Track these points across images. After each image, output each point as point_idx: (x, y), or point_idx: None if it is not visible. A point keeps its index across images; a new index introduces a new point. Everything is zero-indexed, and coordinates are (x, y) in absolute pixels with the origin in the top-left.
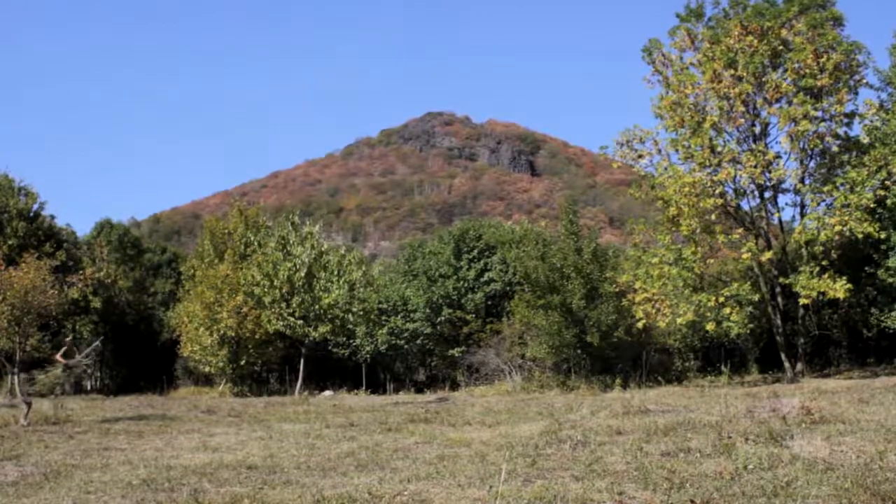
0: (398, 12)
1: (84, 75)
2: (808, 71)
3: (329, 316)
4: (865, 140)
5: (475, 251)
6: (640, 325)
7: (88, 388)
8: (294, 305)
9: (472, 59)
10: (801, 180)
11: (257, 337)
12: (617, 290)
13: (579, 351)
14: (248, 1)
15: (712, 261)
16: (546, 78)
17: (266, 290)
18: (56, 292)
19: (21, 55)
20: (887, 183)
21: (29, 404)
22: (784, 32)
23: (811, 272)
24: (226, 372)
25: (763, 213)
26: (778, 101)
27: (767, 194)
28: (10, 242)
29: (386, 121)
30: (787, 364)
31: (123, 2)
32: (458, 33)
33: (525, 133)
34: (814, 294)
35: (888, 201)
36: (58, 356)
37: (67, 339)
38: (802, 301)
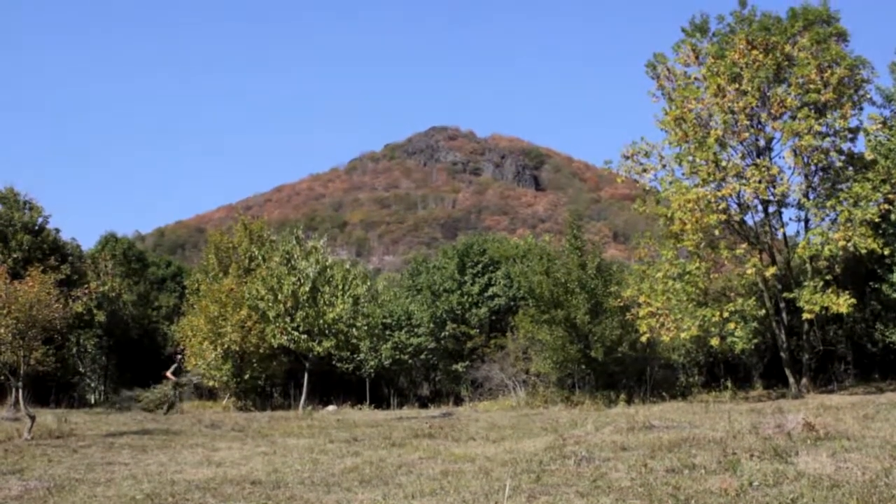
0: (402, 27)
1: (87, 89)
2: (811, 86)
3: (333, 330)
4: (870, 156)
5: (479, 266)
6: (644, 339)
7: (92, 401)
8: (298, 320)
9: (476, 74)
10: (805, 195)
11: (261, 351)
12: (621, 304)
13: (583, 366)
14: (252, 14)
15: (716, 276)
16: (550, 93)
17: (270, 304)
18: (61, 306)
19: (25, 67)
20: (891, 197)
21: (33, 418)
22: (788, 48)
23: (815, 287)
24: (229, 386)
25: (767, 228)
26: (782, 115)
27: (771, 209)
28: (14, 256)
29: (390, 135)
30: (791, 379)
31: (124, 14)
32: (461, 48)
33: (529, 147)
34: (818, 309)
35: (892, 216)
36: (168, 373)
37: (178, 355)
38: (806, 316)
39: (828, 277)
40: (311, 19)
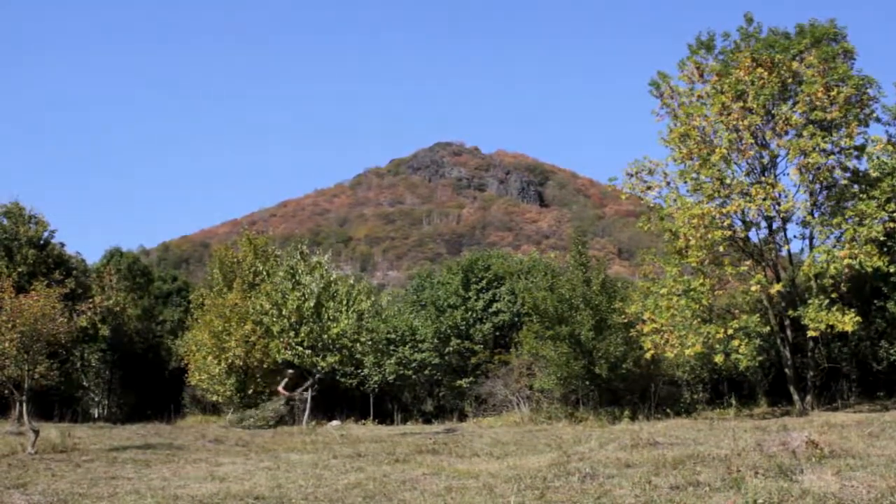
0: (407, 43)
1: (93, 103)
2: (818, 104)
3: (337, 346)
4: (874, 174)
5: (483, 282)
6: (648, 356)
7: (96, 416)
8: (302, 335)
9: (481, 89)
10: (810, 213)
11: (265, 366)
12: (625, 321)
13: (588, 382)
14: (255, 30)
15: (721, 293)
16: (555, 109)
17: (274, 319)
18: (65, 320)
19: (27, 83)
20: None
21: (36, 432)
22: (794, 65)
23: (820, 305)
24: (233, 401)
25: (772, 246)
26: (787, 133)
27: (776, 226)
28: (20, 270)
29: (395, 151)
30: (796, 397)
31: (127, 28)
32: (467, 64)
33: (534, 164)
34: (822, 327)
35: None
36: (280, 388)
37: (290, 371)
38: (811, 334)
39: (833, 295)
40: (315, 35)
